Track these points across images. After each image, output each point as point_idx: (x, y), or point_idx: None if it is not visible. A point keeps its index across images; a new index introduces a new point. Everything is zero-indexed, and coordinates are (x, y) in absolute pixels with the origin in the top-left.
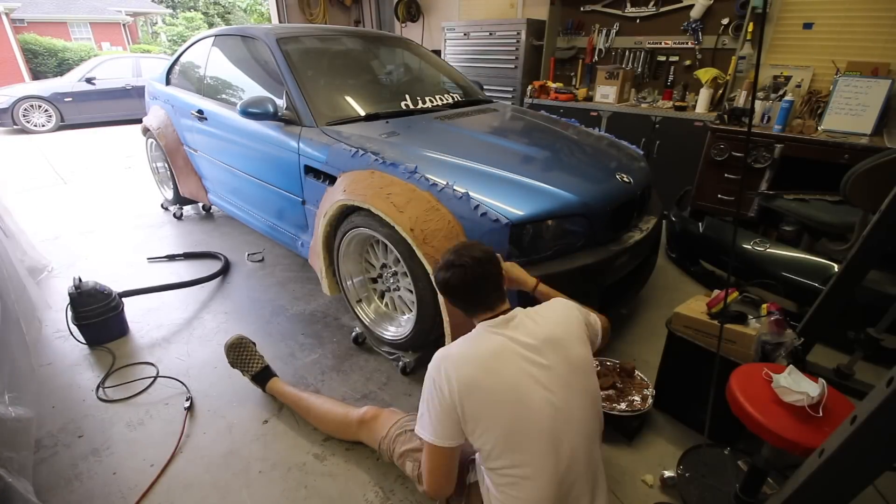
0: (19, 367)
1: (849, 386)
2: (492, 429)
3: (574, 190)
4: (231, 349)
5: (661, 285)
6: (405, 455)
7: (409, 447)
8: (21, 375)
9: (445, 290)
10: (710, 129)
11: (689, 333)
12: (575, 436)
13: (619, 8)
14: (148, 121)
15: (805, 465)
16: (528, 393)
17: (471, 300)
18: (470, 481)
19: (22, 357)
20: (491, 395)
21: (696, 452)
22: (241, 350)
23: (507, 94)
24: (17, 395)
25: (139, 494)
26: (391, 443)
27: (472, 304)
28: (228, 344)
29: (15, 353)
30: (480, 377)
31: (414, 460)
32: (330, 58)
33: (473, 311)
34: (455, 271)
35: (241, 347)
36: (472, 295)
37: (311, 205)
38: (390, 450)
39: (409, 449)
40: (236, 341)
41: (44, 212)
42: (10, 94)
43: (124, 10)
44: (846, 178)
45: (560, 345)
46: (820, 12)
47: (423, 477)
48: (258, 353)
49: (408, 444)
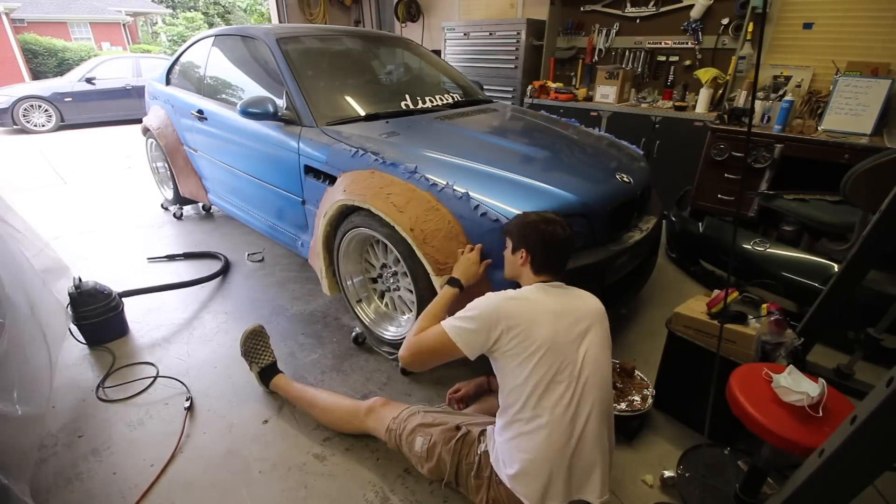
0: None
1: (849, 386)
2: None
3: (574, 190)
4: (250, 337)
5: (661, 285)
6: (416, 430)
7: (422, 422)
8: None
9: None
10: (710, 129)
11: (689, 333)
12: (593, 406)
13: (619, 8)
14: (148, 121)
15: (805, 465)
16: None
17: (553, 257)
18: (480, 451)
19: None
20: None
21: (696, 452)
22: (259, 340)
23: (507, 94)
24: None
25: (139, 494)
26: (403, 421)
27: (552, 261)
28: (248, 331)
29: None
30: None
31: (425, 434)
32: (330, 58)
33: (545, 268)
34: (560, 226)
35: (259, 337)
36: (557, 253)
37: (311, 205)
38: (401, 427)
39: (421, 424)
40: (257, 329)
41: (44, 212)
42: (10, 94)
43: (124, 10)
44: (846, 178)
45: (596, 324)
46: (820, 12)
47: (410, 343)
48: (271, 347)
49: (420, 420)
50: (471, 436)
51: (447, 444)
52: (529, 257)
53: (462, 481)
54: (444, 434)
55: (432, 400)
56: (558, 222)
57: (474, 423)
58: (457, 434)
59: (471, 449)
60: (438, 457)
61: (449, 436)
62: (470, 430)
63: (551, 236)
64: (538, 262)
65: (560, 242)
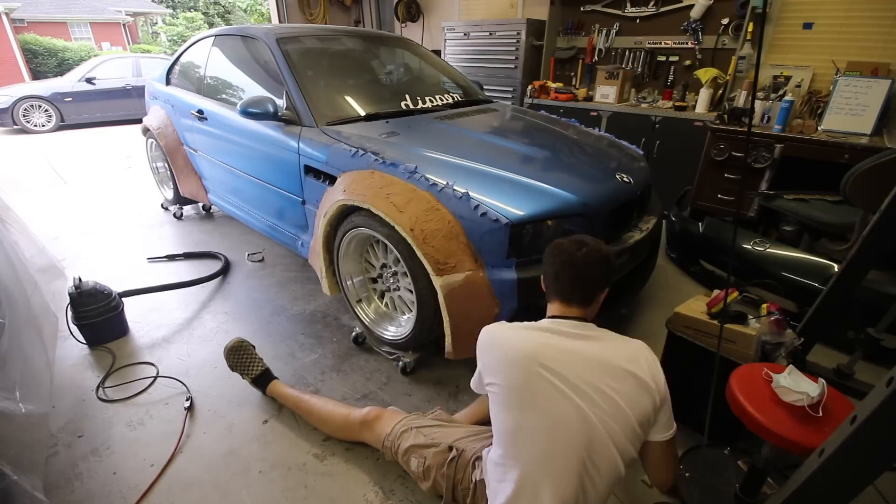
0: (32, 363)
1: (849, 386)
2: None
3: (574, 190)
4: (231, 353)
5: (661, 285)
6: (409, 451)
7: (414, 443)
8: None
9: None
10: (710, 129)
11: (689, 333)
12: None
13: (619, 8)
14: (148, 121)
15: (805, 465)
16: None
17: (567, 283)
18: (475, 479)
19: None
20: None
21: (696, 452)
22: (241, 353)
23: (507, 94)
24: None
25: (139, 494)
26: (396, 439)
27: (566, 287)
28: (228, 347)
29: (27, 350)
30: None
31: (419, 456)
32: (330, 58)
33: (559, 295)
34: (587, 249)
35: (240, 351)
36: (574, 279)
37: (311, 205)
38: (395, 446)
39: (414, 445)
40: (235, 344)
41: (44, 212)
42: (11, 94)
43: (124, 10)
44: (846, 178)
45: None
46: (820, 12)
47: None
48: (258, 355)
49: (412, 441)
50: (464, 458)
51: (441, 468)
52: (546, 279)
53: (460, 502)
54: (437, 458)
55: (432, 399)
56: (588, 245)
57: (468, 439)
58: (449, 456)
59: (465, 473)
60: (434, 479)
61: (441, 459)
62: (463, 450)
63: (570, 257)
64: (552, 287)
65: (579, 265)
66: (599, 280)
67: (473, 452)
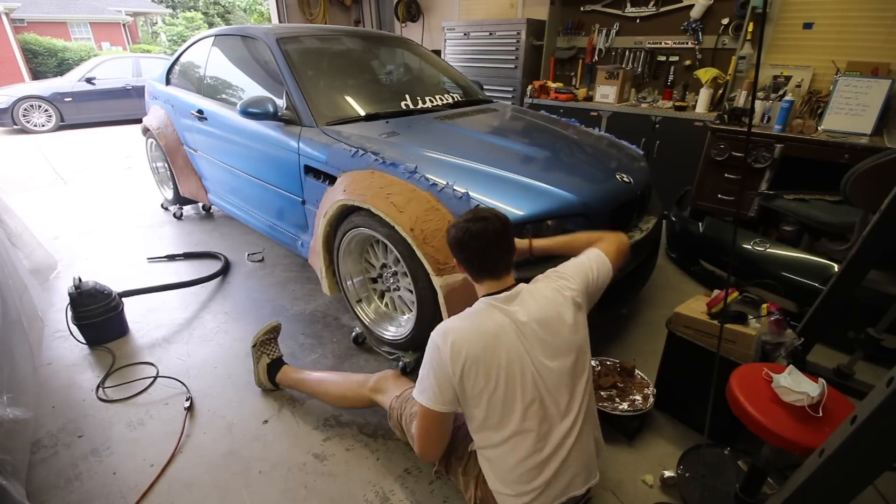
0: (20, 367)
1: (849, 386)
2: (485, 404)
3: (574, 190)
4: (270, 330)
5: (661, 285)
6: (414, 416)
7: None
8: (21, 376)
9: (464, 240)
10: (710, 129)
11: (689, 333)
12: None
13: (619, 8)
14: (148, 121)
15: (805, 465)
16: (523, 370)
17: (484, 259)
18: (471, 448)
19: (23, 358)
20: (489, 373)
21: (696, 452)
22: (273, 335)
23: (507, 94)
24: (15, 396)
25: (139, 494)
26: (404, 402)
27: (484, 264)
28: (269, 326)
29: (15, 354)
30: (481, 356)
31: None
32: (330, 58)
33: (482, 273)
34: (478, 223)
35: (275, 333)
36: (486, 253)
37: (311, 205)
38: (401, 408)
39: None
40: (276, 326)
41: (44, 212)
42: (10, 94)
43: (124, 10)
44: (846, 178)
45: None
46: (820, 12)
47: (416, 439)
48: (279, 343)
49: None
50: (463, 430)
51: None
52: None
53: (451, 472)
54: None
55: None
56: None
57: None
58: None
59: (462, 444)
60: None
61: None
62: (464, 423)
63: (477, 232)
64: (476, 268)
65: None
66: (511, 238)
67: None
